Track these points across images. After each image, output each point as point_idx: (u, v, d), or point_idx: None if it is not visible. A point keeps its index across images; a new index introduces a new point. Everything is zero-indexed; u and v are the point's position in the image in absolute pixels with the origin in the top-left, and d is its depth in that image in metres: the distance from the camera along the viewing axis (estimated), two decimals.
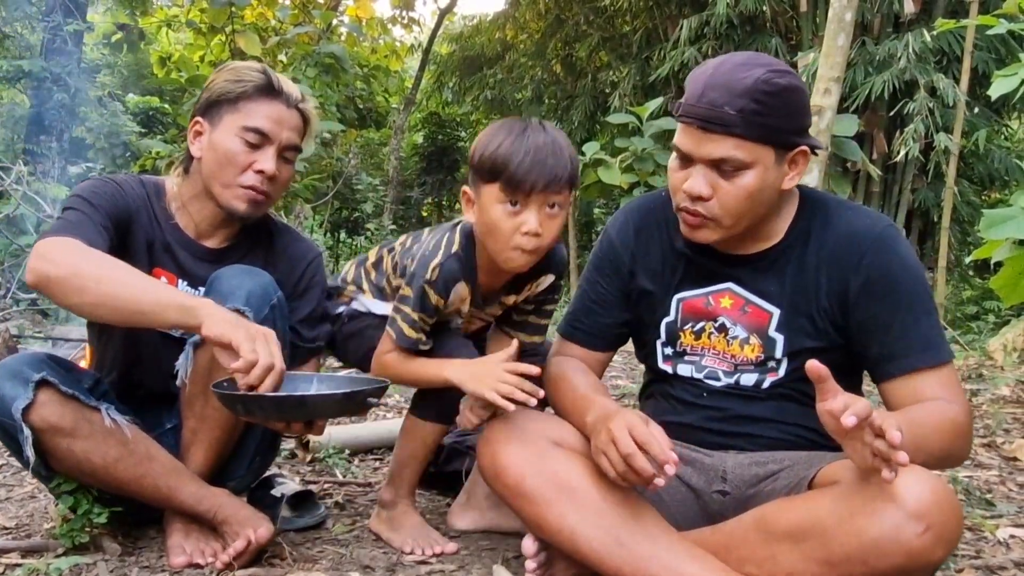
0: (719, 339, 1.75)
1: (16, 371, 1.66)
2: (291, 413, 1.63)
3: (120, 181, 1.88)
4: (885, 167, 6.90)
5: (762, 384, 1.72)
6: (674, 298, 1.79)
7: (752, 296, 1.72)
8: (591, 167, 6.75)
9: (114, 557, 1.78)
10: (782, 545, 1.48)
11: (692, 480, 1.75)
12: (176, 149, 6.95)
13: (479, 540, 2.00)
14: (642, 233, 1.83)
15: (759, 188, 1.60)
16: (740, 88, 1.53)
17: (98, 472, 1.73)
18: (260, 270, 1.84)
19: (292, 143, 1.89)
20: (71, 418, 1.67)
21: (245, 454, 1.94)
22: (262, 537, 1.72)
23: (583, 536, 1.58)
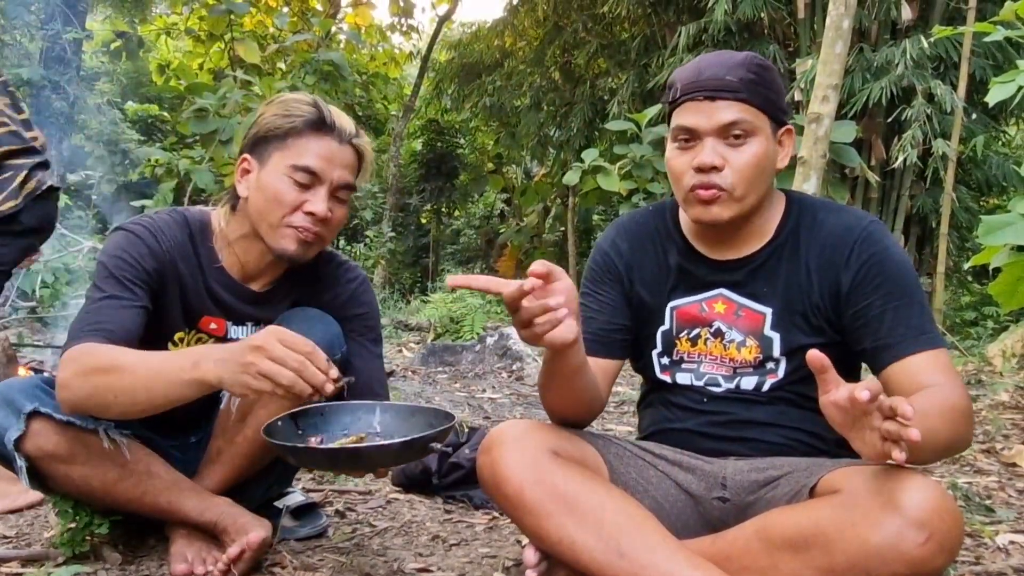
0: (716, 344, 1.76)
1: (8, 400, 1.65)
2: (346, 465, 1.57)
3: (156, 230, 1.77)
4: (883, 173, 6.92)
5: (762, 387, 1.73)
6: (668, 307, 1.80)
7: (745, 300, 1.74)
8: (590, 174, 6.76)
9: (115, 566, 1.78)
10: (784, 554, 1.48)
11: (692, 487, 1.75)
12: (175, 157, 6.96)
13: (480, 547, 2.00)
14: (634, 246, 1.85)
15: (765, 157, 1.65)
16: (735, 62, 1.65)
17: (97, 493, 1.73)
18: (328, 319, 1.82)
19: (345, 182, 1.77)
20: (67, 445, 1.66)
21: (265, 482, 1.94)
22: (253, 543, 1.70)
23: (583, 547, 1.58)
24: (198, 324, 1.82)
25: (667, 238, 1.82)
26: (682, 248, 1.80)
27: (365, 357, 1.90)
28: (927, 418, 1.45)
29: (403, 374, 5.08)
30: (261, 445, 1.82)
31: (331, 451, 1.51)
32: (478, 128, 14.52)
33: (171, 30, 12.40)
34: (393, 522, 2.18)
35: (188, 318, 1.82)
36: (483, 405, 4.16)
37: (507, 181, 14.45)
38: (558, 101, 11.15)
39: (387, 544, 2.00)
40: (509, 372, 5.17)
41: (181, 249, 1.79)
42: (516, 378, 5.02)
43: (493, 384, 4.83)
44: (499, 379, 5.04)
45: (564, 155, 10.73)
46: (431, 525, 2.17)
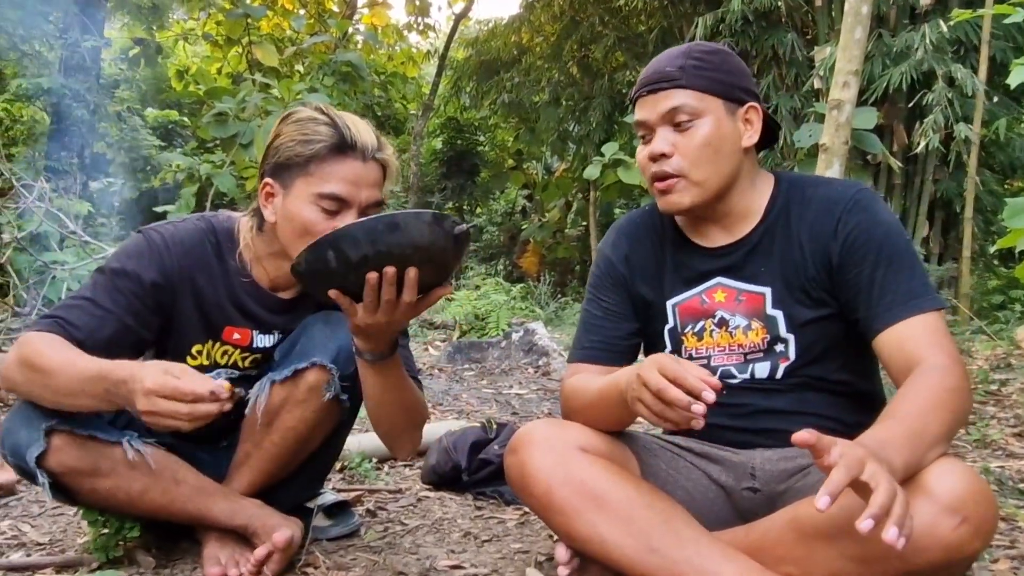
0: (722, 334, 1.75)
1: (27, 417, 1.65)
2: (384, 238, 1.43)
3: (173, 241, 1.76)
4: (906, 159, 6.85)
5: (776, 373, 1.71)
6: (668, 304, 1.80)
7: (743, 284, 1.74)
8: (610, 167, 6.75)
9: (148, 570, 1.79)
10: (817, 544, 1.47)
11: (721, 478, 1.74)
12: (196, 162, 7.00)
13: (512, 543, 2.00)
14: (634, 245, 1.86)
15: (716, 137, 1.66)
16: (676, 53, 1.71)
17: (124, 505, 1.74)
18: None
19: (373, 201, 1.72)
20: (90, 459, 1.67)
21: (294, 486, 1.94)
22: (279, 543, 1.70)
23: (614, 544, 1.58)
24: (221, 335, 1.82)
25: (662, 234, 1.83)
26: (676, 241, 1.81)
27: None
28: (923, 425, 1.41)
29: (430, 372, 5.09)
30: (289, 449, 1.83)
31: (368, 221, 1.44)
32: (497, 125, 14.51)
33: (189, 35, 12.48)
34: (424, 520, 2.19)
35: (209, 330, 1.81)
36: (511, 401, 4.16)
37: (528, 177, 14.43)
38: (577, 96, 11.12)
39: (419, 542, 2.01)
40: (535, 368, 5.16)
41: (201, 260, 1.78)
42: (543, 373, 5.02)
43: (520, 380, 4.83)
44: (526, 375, 5.04)
45: (584, 149, 10.70)
46: (462, 522, 2.17)
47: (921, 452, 1.35)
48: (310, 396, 1.78)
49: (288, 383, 1.77)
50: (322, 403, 1.78)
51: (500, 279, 9.41)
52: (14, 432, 1.67)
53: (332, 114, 1.72)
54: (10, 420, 1.69)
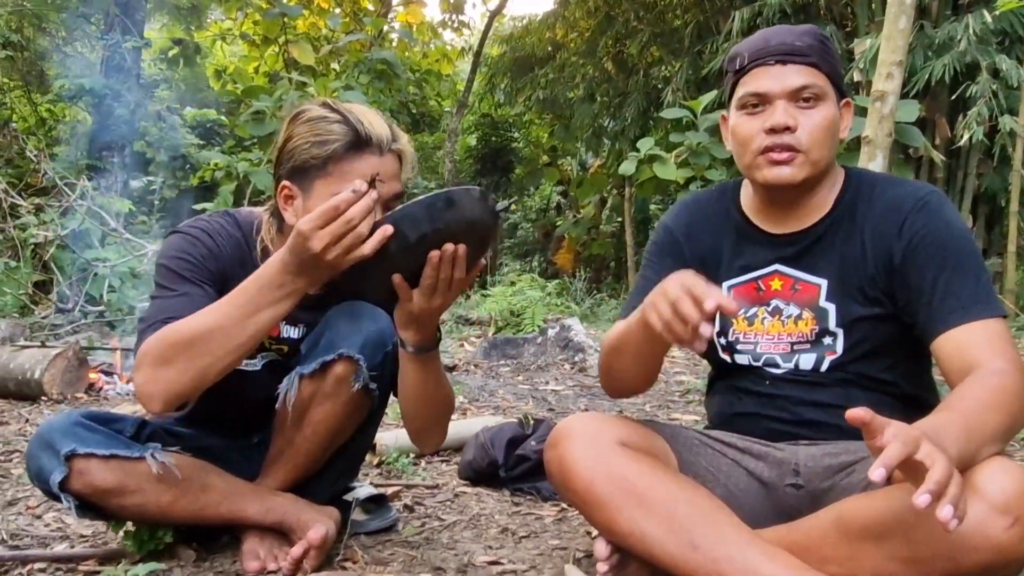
0: (773, 322, 1.73)
1: (48, 443, 1.65)
2: (442, 216, 1.45)
3: (213, 232, 1.76)
4: (948, 152, 6.74)
5: (821, 366, 1.69)
6: (724, 286, 1.78)
7: (800, 273, 1.72)
8: (646, 163, 6.70)
9: (189, 563, 1.80)
10: (863, 544, 1.44)
11: (764, 475, 1.71)
12: (234, 160, 7.06)
13: (550, 539, 1.98)
14: (697, 221, 1.84)
15: (833, 122, 1.66)
16: (800, 31, 1.68)
17: (156, 518, 1.74)
18: (379, 312, 1.79)
19: (393, 193, 1.68)
20: (114, 478, 1.66)
21: (328, 477, 1.93)
22: (314, 540, 1.70)
23: (655, 540, 1.56)
24: None
25: (727, 218, 1.81)
26: (741, 225, 1.79)
27: None
28: (978, 422, 1.38)
29: (465, 368, 5.09)
30: (321, 442, 1.83)
31: (424, 200, 1.45)
32: (532, 121, 14.50)
33: (226, 35, 12.60)
34: (462, 515, 2.18)
35: None
36: (547, 397, 4.15)
37: (563, 173, 14.40)
38: (612, 92, 11.09)
39: (456, 537, 2.00)
40: (571, 363, 5.15)
41: (238, 250, 1.79)
42: (579, 369, 5.00)
43: (556, 376, 4.82)
44: (561, 371, 5.02)
45: (619, 145, 10.66)
46: (500, 518, 2.16)
47: (975, 446, 1.31)
48: (339, 388, 1.77)
49: (316, 376, 1.76)
50: (351, 394, 1.77)
51: (535, 275, 9.39)
52: (36, 458, 1.67)
53: (342, 110, 1.68)
54: (32, 446, 1.69)
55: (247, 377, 1.83)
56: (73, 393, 3.99)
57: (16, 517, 2.18)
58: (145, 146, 10.60)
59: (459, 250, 1.48)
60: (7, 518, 2.17)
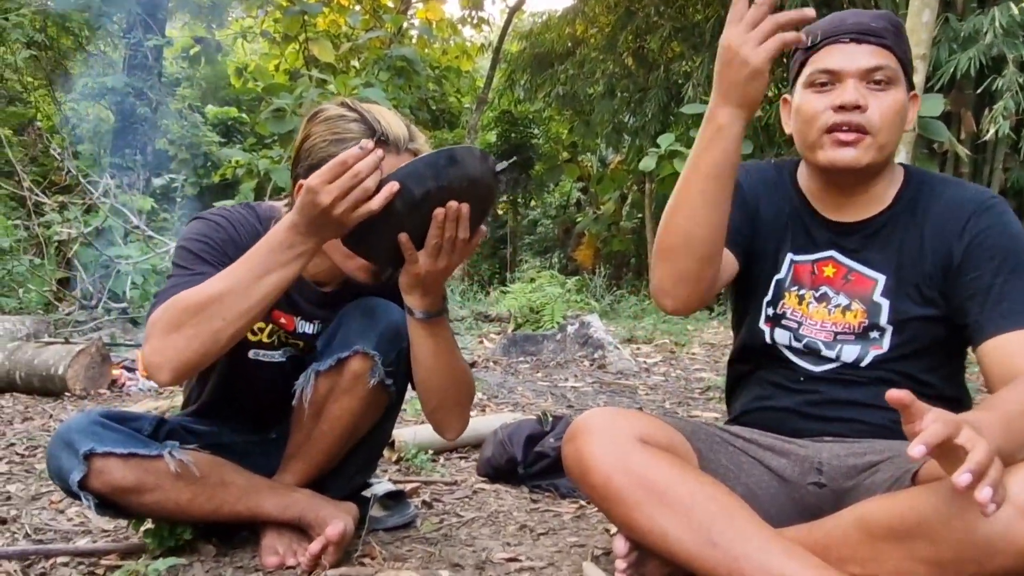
0: (818, 308, 1.71)
1: (67, 442, 1.66)
2: (446, 173, 1.47)
3: (234, 220, 1.76)
4: (974, 147, 6.67)
5: (863, 360, 1.67)
6: (788, 256, 1.76)
7: (855, 264, 1.70)
8: (667, 159, 6.67)
9: (209, 558, 1.80)
10: (886, 545, 1.42)
11: (786, 472, 1.70)
12: (255, 158, 7.09)
13: (568, 536, 1.97)
14: (761, 185, 1.81)
15: (902, 108, 1.63)
16: (877, 13, 1.67)
17: (174, 514, 1.75)
18: (393, 307, 1.79)
19: None
20: (133, 477, 1.66)
21: (346, 472, 1.94)
22: (332, 537, 1.70)
23: (674, 538, 1.54)
24: (271, 316, 1.82)
25: (786, 194, 1.78)
26: (799, 205, 1.76)
27: None
28: (1012, 413, 1.36)
29: (485, 365, 5.09)
30: (338, 437, 1.83)
31: (428, 156, 1.48)
32: (552, 117, 14.48)
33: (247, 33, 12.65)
34: (480, 512, 2.18)
35: None
36: (566, 394, 4.14)
37: (583, 170, 14.39)
38: (632, 87, 11.05)
39: (475, 534, 2.00)
40: (591, 360, 5.14)
41: (256, 240, 1.78)
42: (598, 366, 4.99)
43: (575, 373, 4.81)
44: (581, 368, 5.01)
45: (640, 141, 10.63)
46: (518, 515, 2.16)
47: (1013, 447, 1.29)
48: (355, 384, 1.77)
49: (332, 373, 1.77)
50: (368, 390, 1.77)
51: (555, 272, 9.38)
52: (56, 457, 1.68)
53: (360, 110, 1.68)
54: (52, 446, 1.71)
55: (267, 368, 1.84)
56: (96, 389, 4.02)
57: (40, 512, 2.19)
58: (167, 144, 10.69)
59: (462, 208, 1.50)
60: (31, 512, 2.18)
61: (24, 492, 2.38)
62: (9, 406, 3.77)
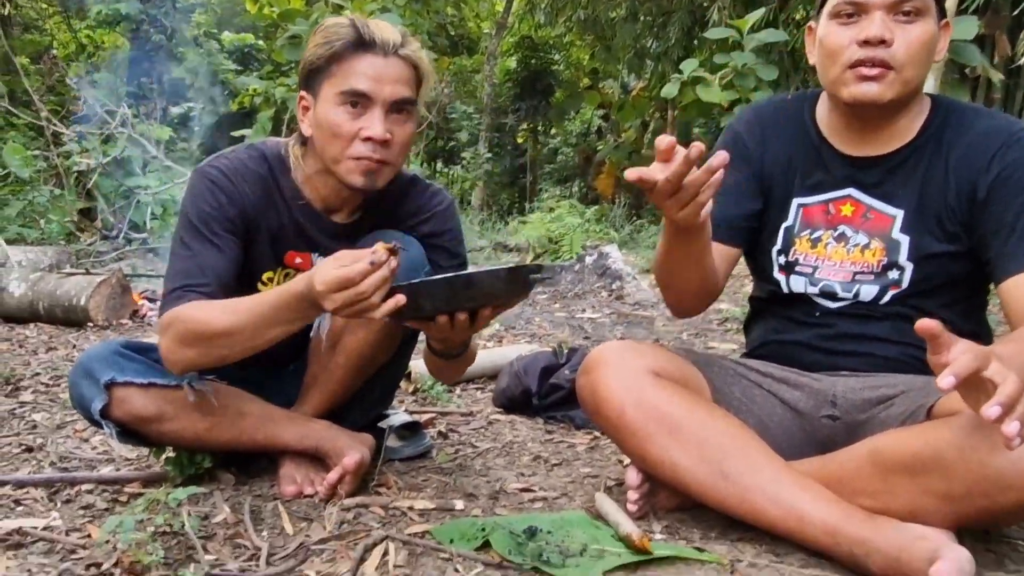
0: (837, 248, 1.69)
1: (88, 371, 1.69)
2: (459, 295, 1.49)
3: (234, 173, 1.73)
4: (1008, 71, 6.49)
5: (882, 298, 1.65)
6: (794, 202, 1.73)
7: (874, 201, 1.67)
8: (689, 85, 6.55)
9: (228, 487, 1.83)
10: (899, 478, 1.42)
11: (799, 405, 1.70)
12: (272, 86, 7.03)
13: (581, 467, 1.99)
14: (770, 129, 1.78)
15: (931, 41, 1.58)
16: None
17: (193, 443, 1.79)
18: (410, 240, 1.79)
19: (400, 97, 1.67)
20: (153, 406, 1.70)
21: (362, 403, 1.96)
22: (349, 466, 1.73)
23: (686, 469, 1.56)
24: (283, 260, 1.82)
25: (801, 129, 1.74)
26: (816, 142, 1.73)
27: None
28: None
29: None
30: (354, 370, 1.85)
31: (447, 279, 1.48)
32: (573, 43, 14.24)
33: None
34: (495, 443, 2.20)
35: (275, 256, 1.81)
36: (583, 325, 4.14)
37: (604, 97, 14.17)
38: (655, 10, 10.81)
39: (489, 464, 2.02)
40: (609, 291, 5.13)
41: (263, 187, 1.77)
42: (616, 297, 4.99)
43: (593, 303, 4.81)
44: (599, 298, 5.01)
45: (662, 67, 10.43)
46: (532, 446, 2.18)
47: None
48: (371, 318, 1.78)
49: None
50: (384, 324, 1.78)
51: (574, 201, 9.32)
52: (77, 386, 1.71)
53: (354, 18, 1.70)
54: (73, 375, 1.74)
55: None
56: (118, 319, 4.06)
57: (64, 440, 2.23)
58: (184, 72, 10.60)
59: (483, 312, 1.54)
60: (56, 441, 2.23)
61: (49, 421, 2.43)
62: (34, 336, 3.82)
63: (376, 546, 1.53)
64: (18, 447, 2.20)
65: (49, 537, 1.61)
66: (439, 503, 1.73)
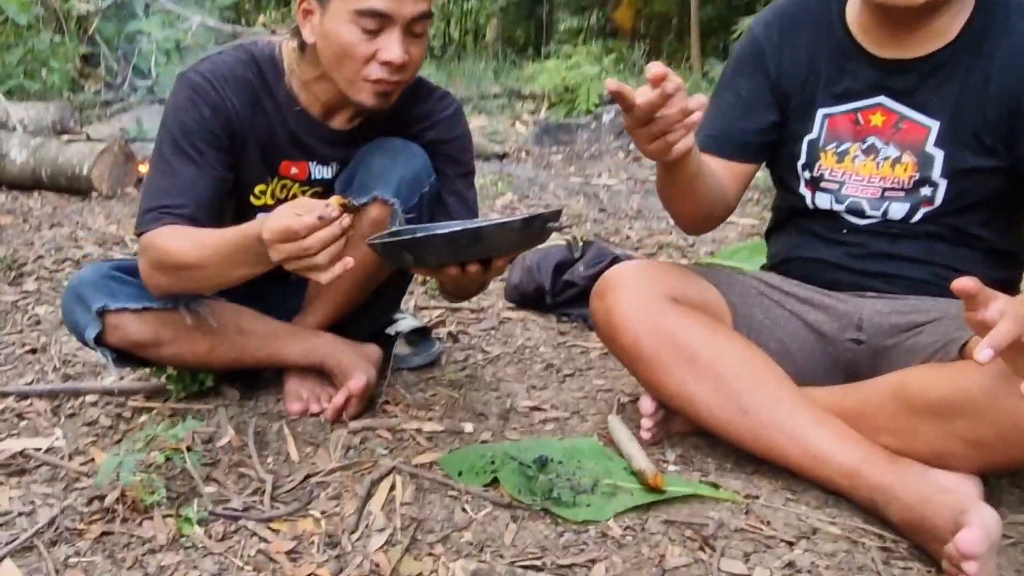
0: (866, 162, 1.56)
1: (80, 297, 1.63)
2: (466, 251, 1.39)
3: (220, 81, 1.60)
4: None
5: (913, 216, 1.54)
6: (819, 112, 1.59)
7: (907, 110, 1.52)
8: None
9: (234, 402, 1.80)
10: (925, 419, 1.37)
11: (823, 327, 1.62)
12: None
13: (595, 379, 1.95)
14: (791, 31, 1.61)
15: None
16: None
17: (194, 365, 1.75)
18: (414, 148, 1.69)
19: (420, 13, 1.51)
20: (149, 331, 1.64)
21: (370, 313, 1.89)
22: (355, 389, 1.68)
23: (703, 403, 1.51)
24: (278, 171, 1.71)
25: (827, 31, 1.57)
26: (843, 43, 1.56)
27: (455, 194, 1.78)
28: None
29: (516, 156, 4.95)
30: (358, 282, 1.77)
31: (452, 234, 1.37)
32: None
33: None
34: (506, 347, 2.14)
35: (268, 167, 1.70)
36: (599, 193, 4.03)
37: None
38: None
39: (499, 374, 1.97)
40: (625, 152, 4.97)
41: (250, 95, 1.63)
42: (633, 159, 4.84)
43: (609, 166, 4.67)
44: (615, 160, 4.87)
45: None
46: (544, 351, 2.12)
47: None
48: (374, 230, 1.68)
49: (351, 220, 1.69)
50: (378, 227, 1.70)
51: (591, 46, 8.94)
52: (71, 312, 1.66)
53: None
54: (65, 299, 1.68)
55: None
56: (123, 188, 3.97)
57: (67, 339, 2.19)
58: None
59: (496, 262, 1.43)
60: (60, 340, 2.19)
61: (53, 316, 2.38)
62: (37, 208, 3.75)
63: (383, 479, 1.50)
64: (22, 347, 2.18)
65: (52, 462, 1.60)
66: (448, 425, 1.70)
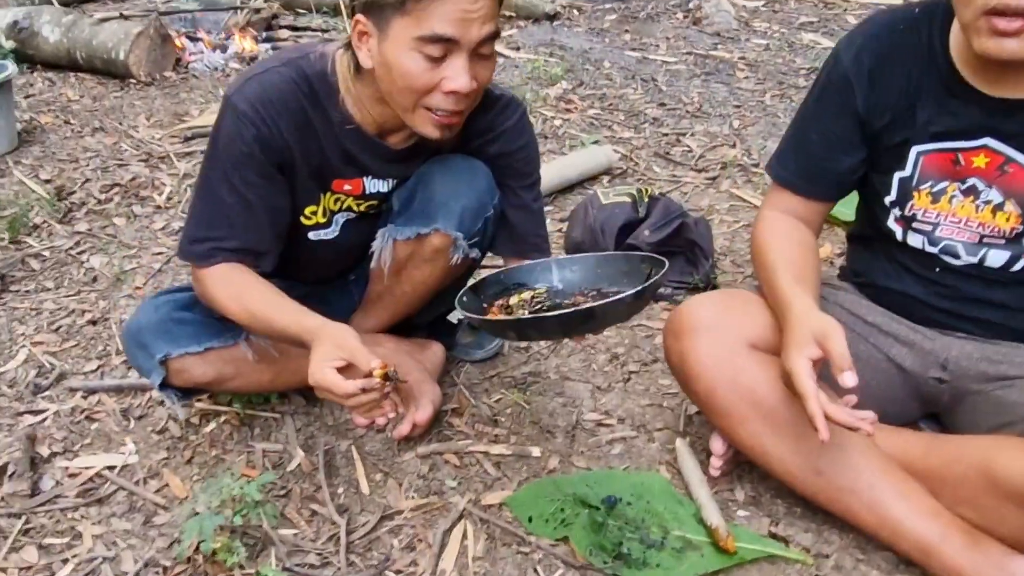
0: (964, 204, 1.43)
1: (142, 344, 1.59)
2: (576, 328, 1.36)
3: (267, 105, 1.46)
4: None
5: (1012, 266, 1.44)
6: (913, 149, 1.45)
7: (1016, 154, 1.37)
8: None
9: (299, 409, 1.81)
10: (1010, 507, 1.33)
11: (906, 362, 1.56)
12: None
13: (659, 377, 1.91)
14: (884, 61, 1.44)
15: None
16: None
17: (259, 392, 1.79)
18: (477, 167, 1.61)
19: (487, 35, 1.37)
20: (213, 370, 1.62)
21: (431, 307, 1.86)
22: (422, 421, 1.68)
23: (778, 459, 1.48)
24: (330, 188, 1.61)
25: (928, 60, 1.40)
26: (946, 77, 1.39)
27: (520, 207, 1.70)
28: None
29: (567, 17, 4.66)
30: (419, 295, 1.76)
31: (563, 316, 1.32)
32: None
33: None
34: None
35: (319, 188, 1.60)
36: (656, 76, 3.80)
37: None
38: None
39: (563, 368, 1.93)
40: (685, 12, 4.65)
41: (301, 117, 1.50)
42: (693, 21, 4.53)
43: (668, 33, 4.37)
44: (673, 22, 4.56)
45: None
46: (608, 333, 2.04)
47: None
48: (436, 256, 1.65)
49: (412, 242, 1.63)
50: (449, 259, 1.65)
51: None
52: (134, 356, 1.63)
53: None
54: (127, 341, 1.64)
55: (326, 245, 1.69)
56: (161, 72, 3.82)
57: (126, 304, 2.19)
58: None
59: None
60: (118, 304, 2.20)
61: (108, 269, 2.37)
62: (76, 99, 3.64)
63: (454, 527, 1.52)
64: (82, 316, 2.18)
65: (128, 488, 1.64)
66: (515, 449, 1.70)
